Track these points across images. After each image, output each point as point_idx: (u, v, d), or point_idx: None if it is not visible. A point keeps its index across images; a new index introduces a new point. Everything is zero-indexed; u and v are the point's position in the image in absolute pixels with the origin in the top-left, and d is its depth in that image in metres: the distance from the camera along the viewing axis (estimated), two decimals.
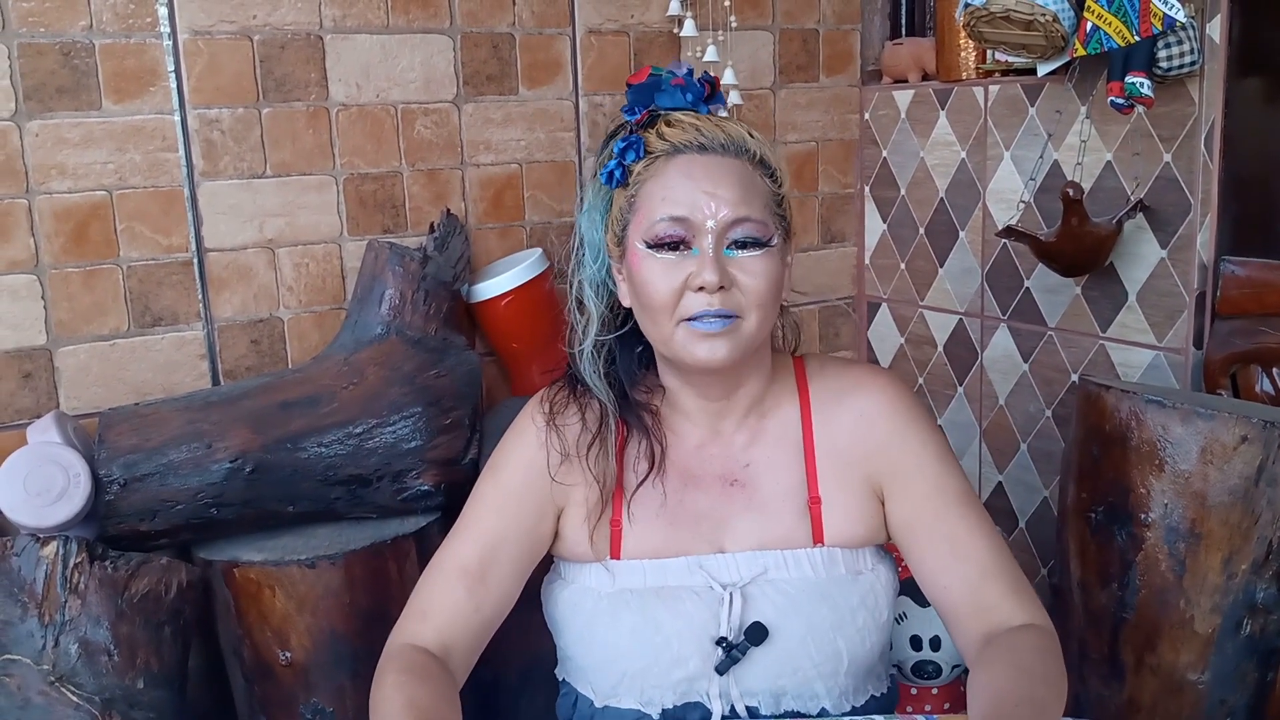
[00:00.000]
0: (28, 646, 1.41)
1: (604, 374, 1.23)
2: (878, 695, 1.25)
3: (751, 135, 1.18)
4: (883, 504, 1.23)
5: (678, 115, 1.18)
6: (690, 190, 1.12)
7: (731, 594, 1.17)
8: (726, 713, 1.17)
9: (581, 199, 1.25)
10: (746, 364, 1.19)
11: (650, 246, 1.13)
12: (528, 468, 1.24)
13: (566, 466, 1.23)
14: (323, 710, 1.57)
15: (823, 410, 1.24)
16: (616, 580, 1.21)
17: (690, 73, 1.20)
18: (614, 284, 1.22)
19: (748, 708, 1.18)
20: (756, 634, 1.16)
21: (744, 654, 1.16)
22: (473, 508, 1.25)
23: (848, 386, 1.25)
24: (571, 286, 1.25)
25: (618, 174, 1.17)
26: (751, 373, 1.22)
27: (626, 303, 1.21)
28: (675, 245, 1.12)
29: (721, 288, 1.11)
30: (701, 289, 1.11)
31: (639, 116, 1.19)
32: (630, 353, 1.25)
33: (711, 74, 1.24)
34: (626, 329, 1.24)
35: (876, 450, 1.22)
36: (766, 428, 1.24)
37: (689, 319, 1.12)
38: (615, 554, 1.22)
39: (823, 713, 1.19)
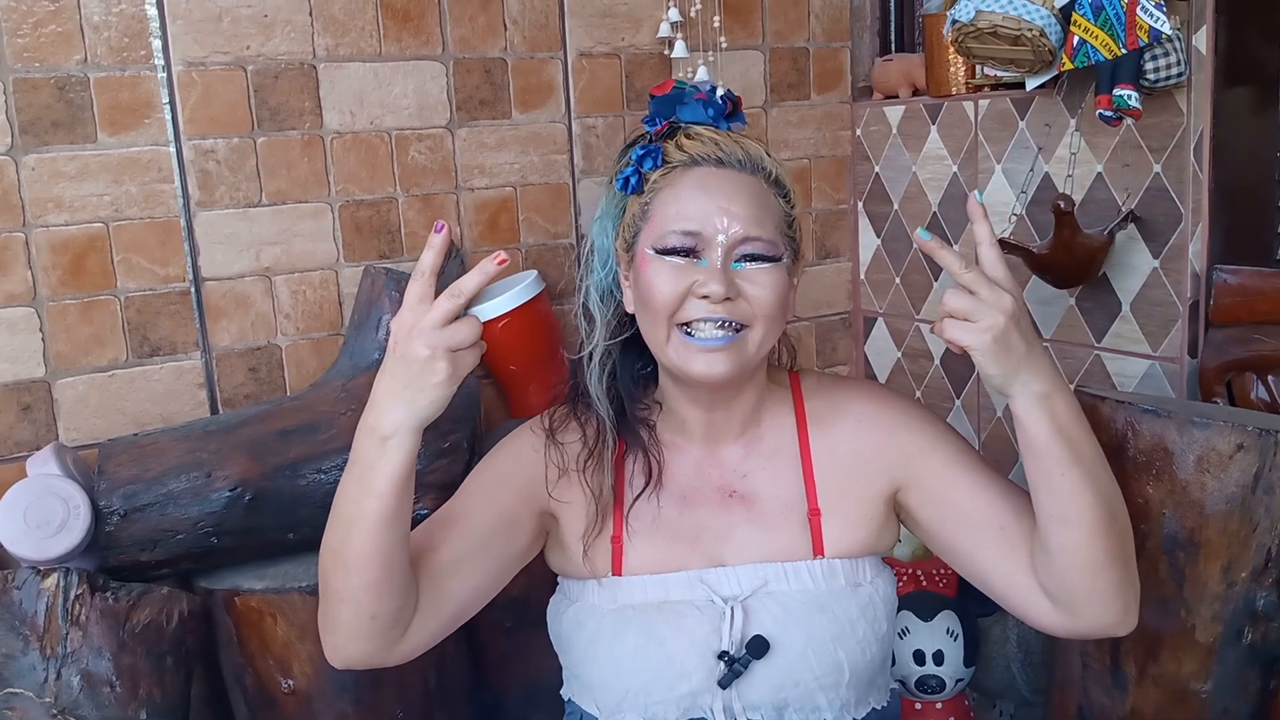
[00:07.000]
0: (30, 680, 1.41)
1: (605, 388, 1.24)
2: (879, 708, 1.25)
3: (768, 154, 1.19)
4: (893, 508, 1.23)
5: (698, 129, 1.19)
6: (704, 203, 1.13)
7: (733, 608, 1.17)
8: None
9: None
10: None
11: (659, 252, 1.14)
12: (516, 461, 1.24)
13: (565, 482, 1.23)
14: None
15: (819, 422, 1.25)
16: (618, 596, 1.21)
17: (714, 89, 1.21)
18: (620, 291, 1.24)
19: None
20: (758, 647, 1.16)
21: (746, 667, 1.16)
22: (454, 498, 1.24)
23: (842, 398, 1.27)
24: (580, 293, 1.26)
25: (634, 180, 1.18)
26: (747, 385, 1.23)
27: (631, 309, 1.22)
28: (684, 252, 1.13)
29: (728, 299, 1.12)
30: (705, 297, 1.11)
31: (659, 127, 1.20)
32: (631, 368, 1.26)
33: (736, 93, 1.24)
34: (628, 335, 1.24)
35: (884, 445, 1.23)
36: (763, 439, 1.25)
37: (684, 325, 1.13)
38: (617, 570, 1.22)
39: None
